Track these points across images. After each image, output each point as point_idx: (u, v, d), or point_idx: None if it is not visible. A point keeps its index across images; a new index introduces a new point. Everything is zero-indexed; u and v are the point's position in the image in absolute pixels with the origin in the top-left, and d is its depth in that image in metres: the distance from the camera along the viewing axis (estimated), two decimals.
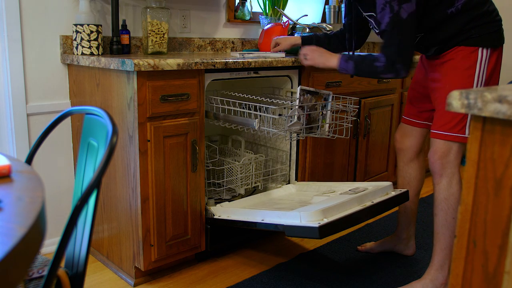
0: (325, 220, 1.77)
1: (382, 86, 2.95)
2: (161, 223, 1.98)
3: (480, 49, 1.81)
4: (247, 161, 2.36)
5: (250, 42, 3.03)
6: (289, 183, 2.54)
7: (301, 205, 2.14)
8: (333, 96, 2.22)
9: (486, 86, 1.85)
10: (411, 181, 2.20)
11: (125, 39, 2.32)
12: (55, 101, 2.24)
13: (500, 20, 1.88)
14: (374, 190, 2.05)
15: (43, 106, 2.19)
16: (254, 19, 3.06)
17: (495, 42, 1.83)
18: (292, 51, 2.48)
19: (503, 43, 1.88)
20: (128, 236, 2.03)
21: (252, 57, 2.25)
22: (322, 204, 1.98)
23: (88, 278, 2.09)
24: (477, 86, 1.83)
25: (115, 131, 1.02)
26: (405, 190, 2.09)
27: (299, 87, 2.07)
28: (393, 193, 2.08)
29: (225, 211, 2.11)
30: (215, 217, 2.11)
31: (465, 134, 1.84)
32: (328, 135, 2.21)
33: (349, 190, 2.17)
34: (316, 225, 1.72)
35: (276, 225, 1.87)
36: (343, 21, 2.28)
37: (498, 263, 0.83)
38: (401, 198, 2.06)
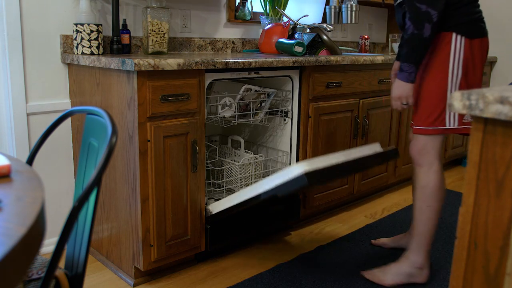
0: (311, 167, 1.79)
1: (382, 86, 2.95)
2: (161, 223, 1.98)
3: (454, 35, 1.82)
4: (247, 161, 2.36)
5: (251, 42, 3.03)
6: None
7: None
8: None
9: (463, 77, 1.85)
10: None
11: (125, 38, 2.32)
12: (55, 100, 2.24)
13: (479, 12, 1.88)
14: (362, 148, 2.07)
15: (43, 105, 2.19)
16: (254, 19, 3.06)
17: (471, 32, 1.83)
18: (288, 51, 2.48)
19: (483, 36, 1.87)
20: (127, 236, 2.03)
21: (254, 57, 2.25)
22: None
23: (88, 278, 2.09)
24: (452, 78, 1.85)
25: (114, 131, 1.02)
26: (393, 147, 2.11)
27: (243, 86, 2.30)
28: (382, 149, 2.11)
29: (219, 204, 2.11)
30: (213, 213, 2.10)
31: (445, 126, 1.87)
32: (261, 123, 2.55)
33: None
34: (302, 171, 1.74)
35: (268, 191, 1.88)
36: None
37: (499, 264, 0.83)
38: (390, 155, 2.09)
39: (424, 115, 1.90)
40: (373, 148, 2.11)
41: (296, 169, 1.78)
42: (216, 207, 2.12)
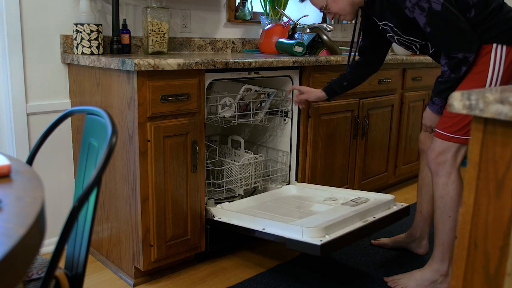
0: (327, 238, 1.78)
1: (382, 86, 2.95)
2: (161, 223, 1.97)
3: (494, 45, 1.77)
4: (247, 161, 2.36)
5: (251, 42, 3.03)
6: (289, 183, 2.53)
7: (301, 212, 2.15)
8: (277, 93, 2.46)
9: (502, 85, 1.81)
10: (429, 183, 2.19)
11: (125, 38, 2.32)
12: (55, 100, 2.24)
13: None
14: (376, 205, 2.08)
15: (43, 105, 2.19)
16: (254, 19, 3.06)
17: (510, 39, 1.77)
18: (288, 51, 2.48)
19: None
20: (127, 236, 2.03)
21: (254, 57, 2.25)
22: (324, 216, 1.99)
23: (88, 278, 2.09)
24: (490, 86, 1.80)
25: (114, 131, 1.02)
26: (406, 205, 2.15)
27: (243, 86, 2.30)
28: (395, 208, 2.13)
29: (225, 214, 2.10)
30: (215, 218, 2.10)
31: (469, 136, 1.82)
32: (261, 123, 2.54)
33: (351, 200, 2.20)
34: (318, 243, 1.74)
35: (276, 236, 1.87)
36: (361, 45, 2.22)
37: (499, 264, 0.83)
38: (402, 213, 2.12)
39: (450, 121, 1.84)
40: (388, 204, 2.13)
41: (315, 235, 1.79)
42: (219, 213, 2.11)
